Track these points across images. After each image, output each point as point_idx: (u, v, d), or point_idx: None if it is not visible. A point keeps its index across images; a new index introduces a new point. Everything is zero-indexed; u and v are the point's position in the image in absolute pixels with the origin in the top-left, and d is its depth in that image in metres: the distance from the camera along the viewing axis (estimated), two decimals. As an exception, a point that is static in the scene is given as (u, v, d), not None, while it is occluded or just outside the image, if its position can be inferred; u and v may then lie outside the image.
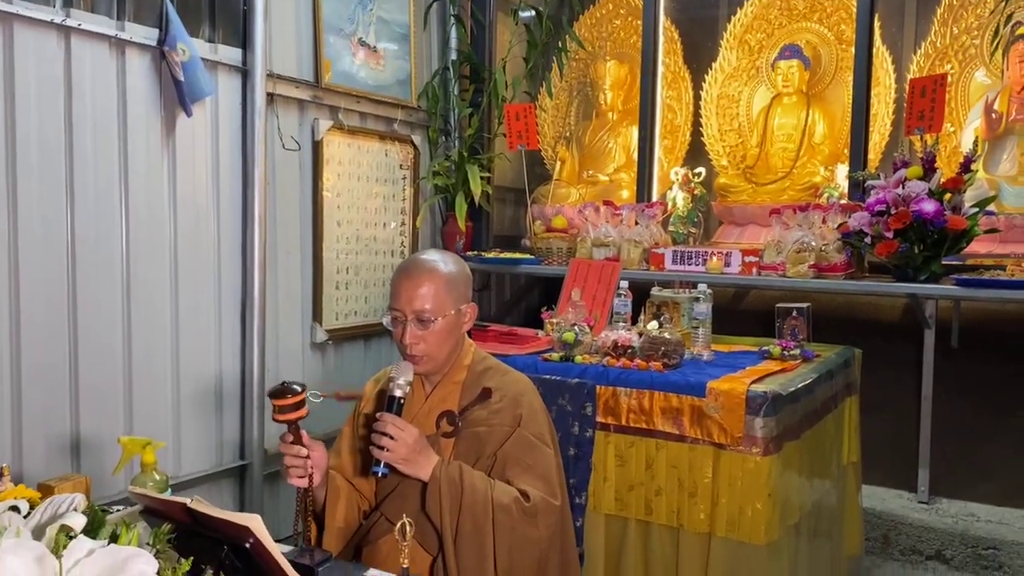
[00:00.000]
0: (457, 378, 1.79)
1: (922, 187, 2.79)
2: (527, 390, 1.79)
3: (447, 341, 1.73)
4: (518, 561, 1.62)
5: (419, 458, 1.61)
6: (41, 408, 2.35)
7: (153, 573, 1.08)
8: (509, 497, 1.62)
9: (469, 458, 1.69)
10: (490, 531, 1.59)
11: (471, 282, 1.83)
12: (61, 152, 2.38)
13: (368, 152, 3.54)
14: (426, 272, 1.71)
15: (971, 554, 3.03)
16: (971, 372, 3.39)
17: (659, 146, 4.05)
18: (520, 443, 1.70)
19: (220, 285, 2.90)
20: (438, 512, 1.61)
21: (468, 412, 1.74)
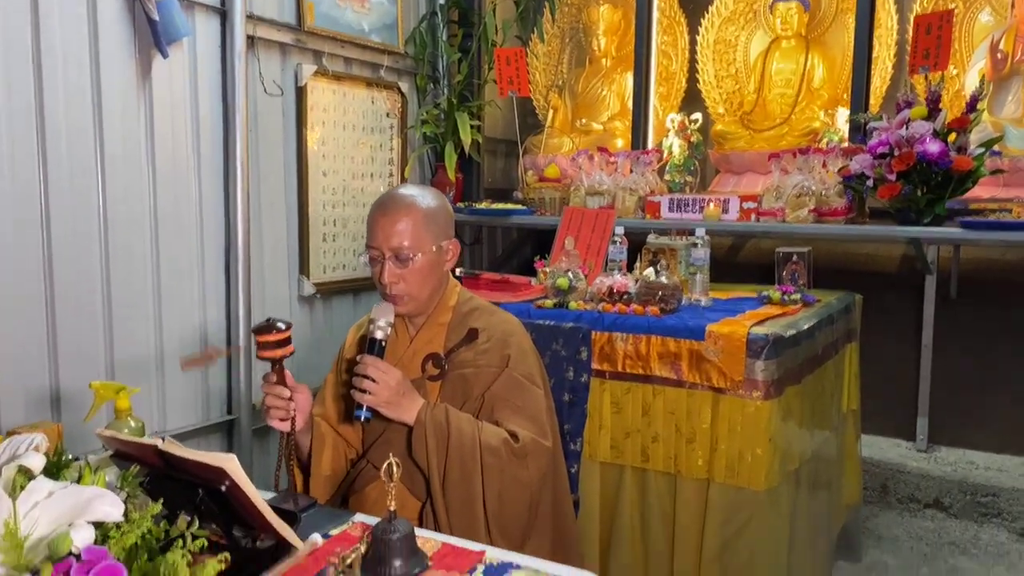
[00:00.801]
0: (442, 319, 1.72)
1: (926, 127, 2.70)
2: (515, 330, 1.72)
3: (428, 279, 1.66)
4: (508, 504, 1.56)
5: (403, 401, 1.55)
6: (18, 364, 2.27)
7: (119, 514, 1.01)
8: (498, 439, 1.55)
9: (456, 401, 1.63)
10: (479, 474, 1.53)
11: (452, 218, 1.74)
12: (30, 96, 2.27)
13: (354, 99, 3.42)
14: (403, 207, 1.63)
15: (970, 501, 3.00)
16: (970, 322, 3.34)
17: (654, 93, 3.94)
18: (509, 384, 1.63)
19: (202, 236, 2.81)
20: (424, 456, 1.55)
21: (454, 354, 1.67)
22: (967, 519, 3.00)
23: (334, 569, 1.23)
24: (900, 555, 2.86)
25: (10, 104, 2.22)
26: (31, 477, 1.05)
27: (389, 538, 1.20)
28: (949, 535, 2.95)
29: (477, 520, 1.53)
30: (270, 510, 1.20)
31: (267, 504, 1.21)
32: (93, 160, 2.44)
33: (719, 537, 2.06)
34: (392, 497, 1.22)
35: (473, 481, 1.53)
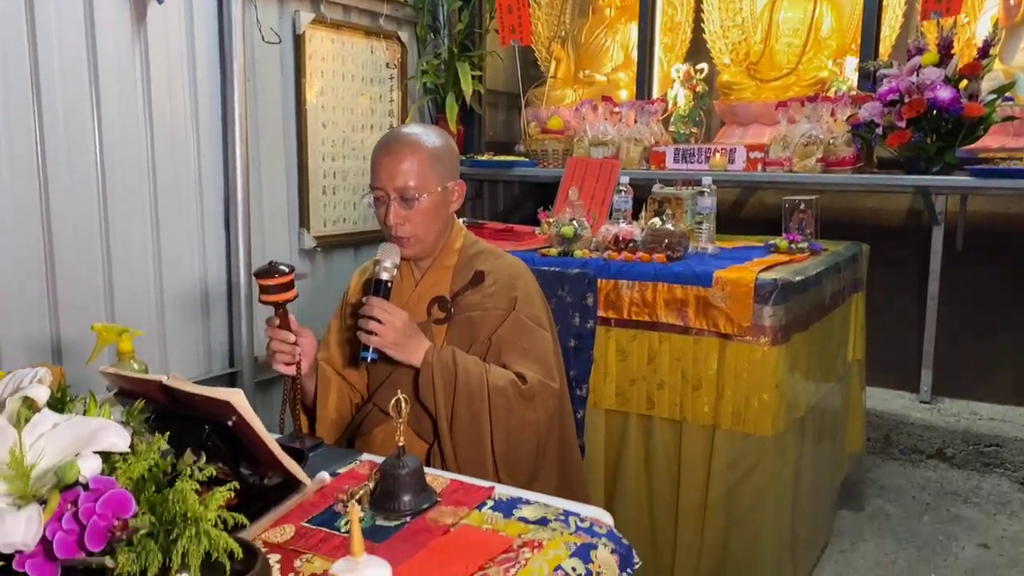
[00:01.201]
0: (448, 262, 1.69)
1: (938, 74, 2.65)
2: (522, 273, 1.70)
3: (434, 221, 1.63)
4: (516, 445, 1.55)
5: (409, 343, 1.53)
6: (18, 316, 2.24)
7: (125, 445, 0.99)
8: (505, 380, 1.54)
9: (463, 344, 1.61)
10: (486, 414, 1.52)
11: (458, 158, 1.71)
12: (23, 41, 2.21)
13: (353, 48, 3.35)
14: (408, 146, 1.60)
15: (972, 451, 3.01)
16: (975, 275, 3.32)
17: (659, 44, 3.86)
18: (516, 326, 1.61)
19: (201, 187, 2.77)
20: (432, 397, 1.53)
21: (460, 297, 1.65)
22: (969, 469, 3.01)
23: (343, 505, 1.23)
24: (902, 504, 2.87)
25: (4, 48, 2.16)
26: (35, 410, 1.04)
27: (398, 473, 1.19)
28: (951, 485, 2.97)
29: (485, 461, 1.52)
30: (277, 446, 1.19)
31: (275, 440, 1.20)
32: (89, 109, 2.39)
33: (724, 483, 2.07)
34: (401, 433, 1.21)
35: (481, 422, 1.52)
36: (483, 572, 1.02)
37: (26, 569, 0.90)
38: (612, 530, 1.15)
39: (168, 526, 0.90)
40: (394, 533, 1.13)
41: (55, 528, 0.90)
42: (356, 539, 0.84)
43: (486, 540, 1.10)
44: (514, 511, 1.19)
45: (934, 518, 2.77)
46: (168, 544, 0.89)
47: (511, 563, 1.04)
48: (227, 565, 0.89)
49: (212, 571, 0.90)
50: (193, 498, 0.89)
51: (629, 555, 1.13)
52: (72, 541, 0.90)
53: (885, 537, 2.67)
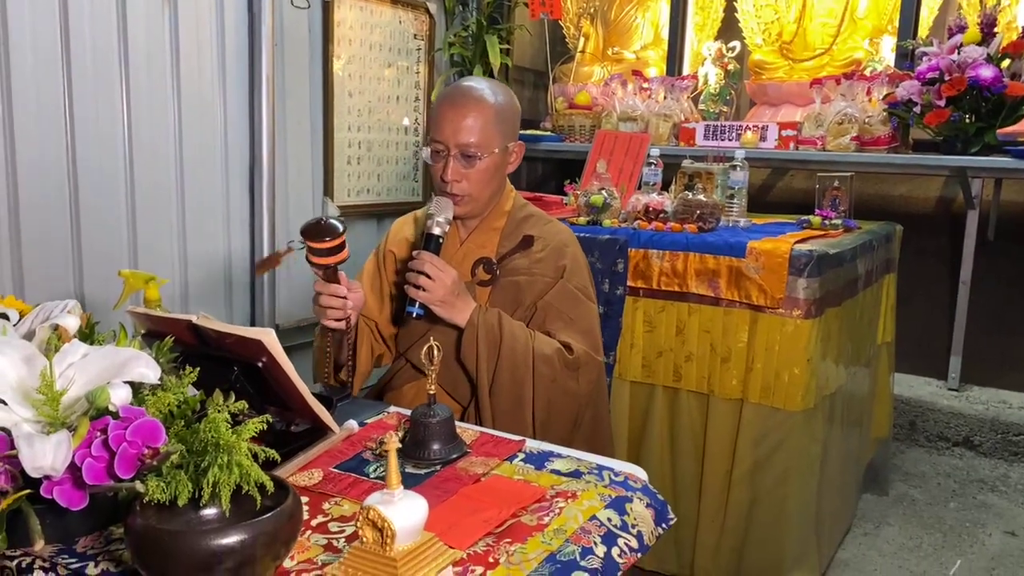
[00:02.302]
0: (496, 224, 1.65)
1: (980, 52, 2.58)
2: (571, 241, 1.66)
3: (491, 182, 1.59)
4: (556, 414, 1.52)
5: (457, 301, 1.50)
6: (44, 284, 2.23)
7: (155, 377, 0.98)
8: (551, 348, 1.51)
9: (507, 307, 1.57)
10: (530, 381, 1.48)
11: (519, 117, 1.66)
12: (55, 8, 2.19)
13: (381, 18, 3.32)
14: (474, 101, 1.54)
15: (1000, 440, 2.95)
16: (1008, 263, 3.26)
17: (691, 22, 3.80)
18: (563, 295, 1.58)
19: (227, 152, 2.75)
20: (474, 359, 1.50)
21: (507, 260, 1.61)
22: (997, 458, 2.96)
23: (371, 452, 1.20)
24: (927, 490, 2.82)
25: (34, 10, 2.15)
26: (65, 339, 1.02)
27: (428, 421, 1.17)
28: (978, 473, 2.91)
29: (523, 428, 1.48)
30: (307, 389, 1.17)
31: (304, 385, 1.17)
32: (117, 70, 2.37)
33: (750, 458, 2.03)
34: (432, 381, 1.18)
35: (524, 388, 1.49)
36: (516, 519, 1.00)
37: (54, 495, 0.89)
38: (647, 485, 1.12)
39: (198, 457, 0.88)
40: (424, 481, 1.11)
41: (84, 454, 0.88)
42: (393, 471, 0.82)
43: (518, 489, 1.08)
44: (546, 463, 1.17)
45: (960, 505, 2.72)
46: (198, 475, 0.87)
47: (545, 511, 1.01)
48: (258, 499, 0.87)
49: (241, 504, 0.88)
50: (225, 427, 0.87)
51: (664, 510, 1.10)
52: (101, 468, 0.88)
53: (910, 522, 2.62)
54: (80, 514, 0.92)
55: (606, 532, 0.99)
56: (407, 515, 0.80)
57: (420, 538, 0.82)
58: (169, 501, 0.85)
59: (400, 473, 0.87)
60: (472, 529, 0.96)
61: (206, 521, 0.86)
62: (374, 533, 0.80)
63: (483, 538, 0.95)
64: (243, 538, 0.81)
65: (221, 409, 0.96)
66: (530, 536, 0.95)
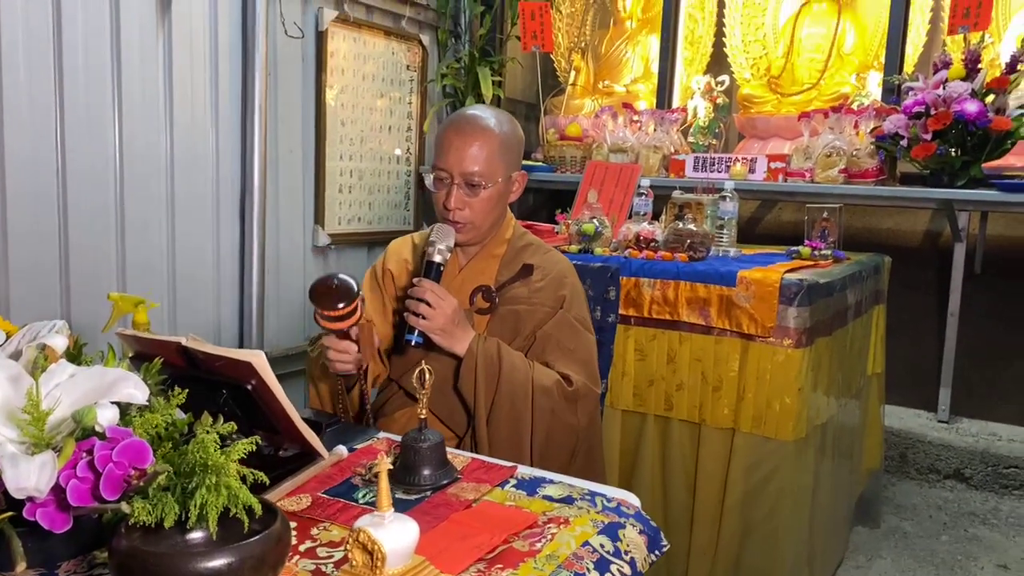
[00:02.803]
0: (496, 251, 1.65)
1: (965, 87, 2.63)
2: (569, 271, 1.66)
3: (494, 211, 1.59)
4: (554, 446, 1.51)
5: (456, 330, 1.49)
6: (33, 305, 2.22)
7: (143, 397, 0.96)
8: (551, 380, 1.50)
9: (505, 336, 1.56)
10: (529, 413, 1.47)
11: (523, 147, 1.67)
12: (49, 28, 2.21)
13: (374, 49, 3.35)
14: (480, 130, 1.55)
15: (991, 473, 2.94)
16: (995, 296, 3.28)
17: (680, 57, 3.86)
18: (563, 326, 1.57)
19: (218, 179, 2.76)
20: (472, 389, 1.49)
21: (507, 289, 1.61)
22: (988, 490, 2.95)
23: (360, 478, 1.19)
24: (919, 523, 2.81)
25: (28, 36, 2.16)
26: (53, 359, 1.01)
27: (419, 446, 1.15)
28: (969, 505, 2.90)
29: (521, 459, 1.46)
30: (296, 413, 1.15)
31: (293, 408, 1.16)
32: (110, 94, 2.39)
33: (741, 488, 2.02)
34: (424, 405, 1.17)
35: (522, 420, 1.47)
36: (508, 544, 0.98)
37: (37, 518, 0.87)
38: (640, 511, 1.11)
39: (186, 479, 0.87)
40: (414, 506, 1.09)
41: (69, 475, 0.86)
42: (384, 492, 0.81)
43: (510, 515, 1.06)
44: (538, 489, 1.15)
45: (952, 538, 2.71)
46: (185, 497, 0.85)
47: (537, 537, 1.00)
48: (246, 522, 0.85)
49: (229, 527, 0.86)
50: (214, 447, 0.86)
51: (657, 537, 1.08)
52: (86, 489, 0.86)
53: (902, 555, 2.60)
54: (64, 537, 0.90)
55: (599, 558, 0.97)
56: (398, 538, 0.78)
57: (411, 562, 0.80)
58: (155, 523, 0.83)
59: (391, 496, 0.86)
60: (463, 555, 0.95)
61: (193, 544, 0.84)
62: (364, 556, 0.79)
63: (474, 564, 0.93)
64: (230, 561, 0.79)
65: (210, 430, 0.95)
66: (522, 562, 0.94)
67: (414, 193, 3.62)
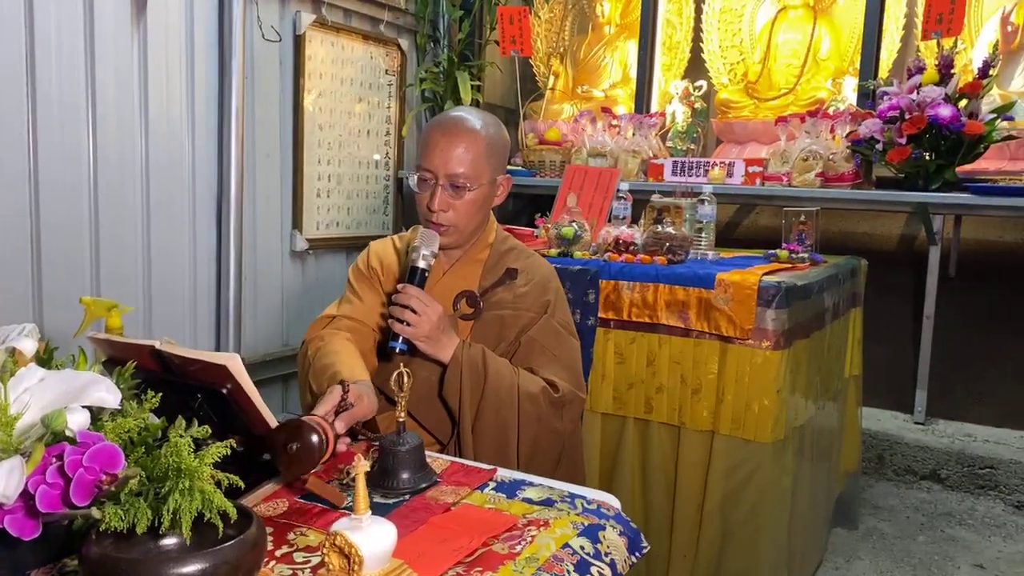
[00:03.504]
0: (479, 256, 1.64)
1: (938, 92, 2.66)
2: (552, 275, 1.65)
3: (478, 214, 1.58)
4: (540, 453, 1.50)
5: (441, 337, 1.47)
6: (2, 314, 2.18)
7: (115, 401, 0.94)
8: (537, 386, 1.49)
9: (489, 342, 1.55)
10: (515, 419, 1.46)
11: (508, 150, 1.66)
12: (21, 29, 2.17)
13: (352, 52, 3.34)
14: (466, 131, 1.53)
15: (967, 473, 2.97)
16: (969, 298, 3.32)
17: (658, 62, 3.88)
18: (548, 331, 1.56)
19: (194, 184, 2.73)
20: (457, 397, 1.47)
21: (491, 294, 1.59)
22: (963, 491, 2.98)
23: (339, 482, 1.18)
24: (896, 524, 2.83)
25: (0, 38, 2.12)
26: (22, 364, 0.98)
27: (398, 450, 1.14)
28: (945, 506, 2.93)
29: (507, 467, 1.46)
30: (272, 417, 1.14)
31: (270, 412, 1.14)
32: (84, 100, 2.36)
33: (721, 490, 2.02)
34: (403, 408, 1.16)
35: (508, 427, 1.46)
36: (487, 548, 0.97)
37: (5, 525, 0.85)
38: (620, 513, 1.11)
39: (159, 484, 0.85)
40: (393, 510, 1.08)
41: (38, 481, 0.85)
42: (361, 495, 0.80)
43: (490, 518, 1.05)
44: (517, 492, 1.15)
45: (929, 538, 2.73)
46: (158, 502, 0.84)
47: (516, 540, 0.99)
48: (220, 527, 0.84)
49: (203, 533, 0.85)
50: (188, 452, 0.84)
51: (637, 538, 1.08)
52: (56, 495, 0.85)
53: (880, 556, 2.62)
54: (33, 545, 0.88)
55: (579, 560, 0.97)
56: (375, 541, 0.77)
57: (389, 565, 0.79)
58: (127, 529, 0.81)
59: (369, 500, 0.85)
60: (442, 559, 0.94)
61: (166, 550, 0.83)
62: (340, 560, 0.78)
63: (453, 567, 0.92)
64: (204, 567, 0.78)
65: (183, 434, 0.93)
66: (501, 565, 0.93)
67: (393, 198, 3.61)
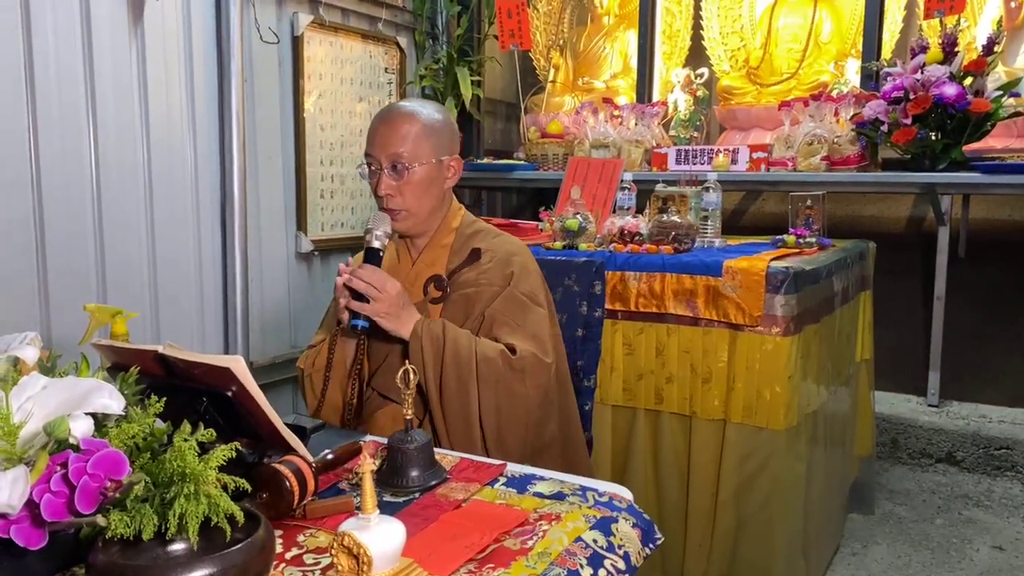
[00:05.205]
0: (444, 241, 1.65)
1: (943, 71, 2.63)
2: (520, 250, 1.65)
3: (426, 194, 1.59)
4: (506, 419, 1.48)
5: (401, 313, 1.49)
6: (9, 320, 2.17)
7: (119, 408, 0.94)
8: (494, 350, 1.49)
9: (457, 320, 1.57)
10: (474, 383, 1.46)
11: (456, 134, 1.68)
12: (18, 36, 2.16)
13: (351, 52, 3.33)
14: (403, 115, 1.57)
15: (983, 455, 2.95)
16: (980, 278, 3.29)
17: (659, 51, 3.85)
18: (510, 301, 1.57)
19: (197, 188, 2.71)
20: (421, 369, 1.48)
21: (457, 275, 1.61)
22: (980, 473, 2.95)
23: (347, 482, 1.17)
24: (913, 508, 2.81)
25: (-1, 53, 2.12)
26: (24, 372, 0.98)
27: (406, 448, 1.13)
28: (962, 488, 2.90)
29: (474, 433, 1.47)
30: (278, 418, 1.13)
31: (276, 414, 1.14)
32: (84, 106, 2.34)
33: (735, 479, 2.01)
34: (409, 405, 1.15)
35: (469, 390, 1.47)
36: (499, 543, 0.96)
37: (11, 535, 0.84)
38: (632, 504, 1.09)
39: (164, 490, 0.84)
40: (403, 508, 1.07)
41: (43, 490, 0.84)
42: (368, 494, 0.79)
43: (501, 513, 1.04)
44: (528, 487, 1.13)
45: (946, 521, 2.71)
46: (164, 507, 0.83)
47: (528, 535, 0.98)
48: (228, 530, 0.83)
49: (210, 537, 0.84)
50: (192, 456, 0.83)
51: (651, 530, 1.07)
52: (61, 504, 0.84)
53: (897, 540, 2.60)
54: (39, 554, 0.88)
55: (592, 554, 0.96)
56: (384, 540, 0.76)
57: (398, 564, 0.78)
58: (134, 536, 0.80)
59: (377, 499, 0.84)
60: (453, 555, 0.93)
61: (173, 555, 0.82)
62: (349, 560, 0.77)
63: (465, 564, 0.91)
64: (212, 572, 0.77)
65: (188, 438, 0.92)
66: (514, 560, 0.92)
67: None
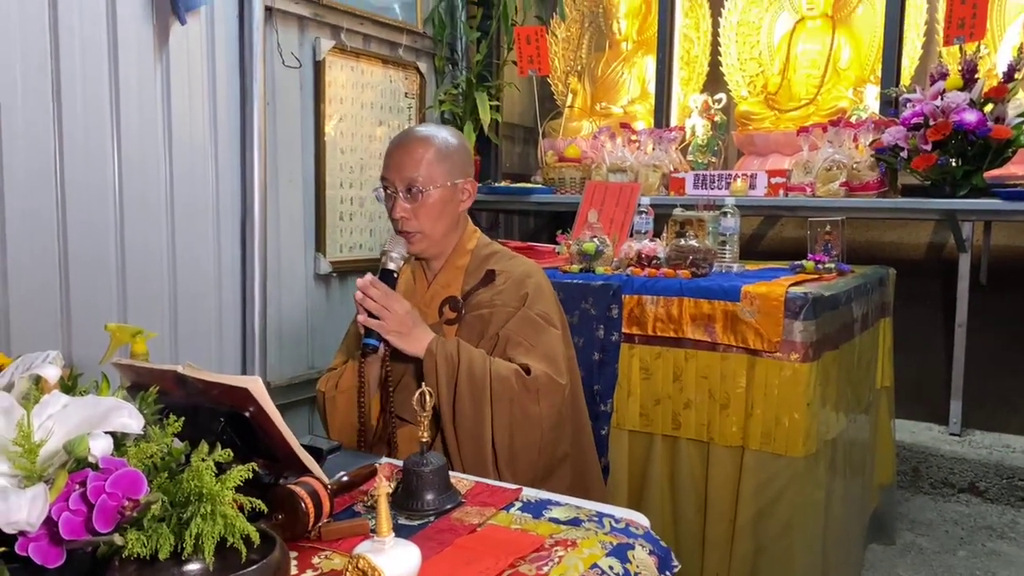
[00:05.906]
0: (460, 263, 1.67)
1: (963, 97, 2.62)
2: (534, 272, 1.67)
3: (441, 217, 1.61)
4: (519, 438, 1.49)
5: (413, 331, 1.51)
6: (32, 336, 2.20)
7: (138, 427, 0.94)
8: (508, 370, 1.50)
9: (472, 341, 1.58)
10: (488, 402, 1.47)
11: (471, 158, 1.71)
12: (46, 57, 2.21)
13: (371, 77, 3.37)
14: (418, 140, 1.60)
15: (1006, 485, 2.90)
16: (1002, 306, 3.25)
17: (677, 77, 3.87)
18: (524, 322, 1.57)
19: (218, 210, 2.75)
20: (435, 386, 1.49)
21: (472, 296, 1.63)
22: (1004, 503, 2.90)
23: (363, 505, 1.16)
24: (935, 538, 2.76)
25: (26, 67, 2.17)
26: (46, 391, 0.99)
27: (421, 471, 1.13)
28: (985, 519, 2.85)
29: (485, 451, 1.47)
30: (295, 440, 1.13)
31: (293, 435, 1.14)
32: (108, 128, 2.38)
33: (753, 506, 1.98)
34: (425, 428, 1.15)
35: (483, 409, 1.47)
36: (514, 569, 0.96)
37: (29, 552, 0.85)
38: (649, 531, 1.08)
39: (181, 510, 0.84)
40: (417, 532, 1.06)
41: (61, 508, 0.84)
42: (384, 517, 0.78)
43: (516, 539, 1.04)
44: (544, 512, 1.13)
45: (970, 553, 2.66)
46: (180, 527, 0.83)
47: (544, 560, 0.97)
48: (243, 551, 0.83)
49: (226, 558, 0.84)
50: (209, 476, 0.84)
51: (668, 557, 1.06)
52: (79, 522, 0.84)
53: (919, 571, 2.55)
54: (57, 572, 0.88)
55: (608, 581, 0.95)
56: (398, 563, 0.76)
57: (413, 588, 0.78)
58: (150, 555, 0.81)
59: (392, 522, 0.84)
60: (468, 580, 0.92)
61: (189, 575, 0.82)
62: (364, 583, 0.76)
63: (480, 589, 0.91)
64: (227, 592, 0.77)
65: (206, 458, 0.93)
66: (529, 586, 0.91)
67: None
